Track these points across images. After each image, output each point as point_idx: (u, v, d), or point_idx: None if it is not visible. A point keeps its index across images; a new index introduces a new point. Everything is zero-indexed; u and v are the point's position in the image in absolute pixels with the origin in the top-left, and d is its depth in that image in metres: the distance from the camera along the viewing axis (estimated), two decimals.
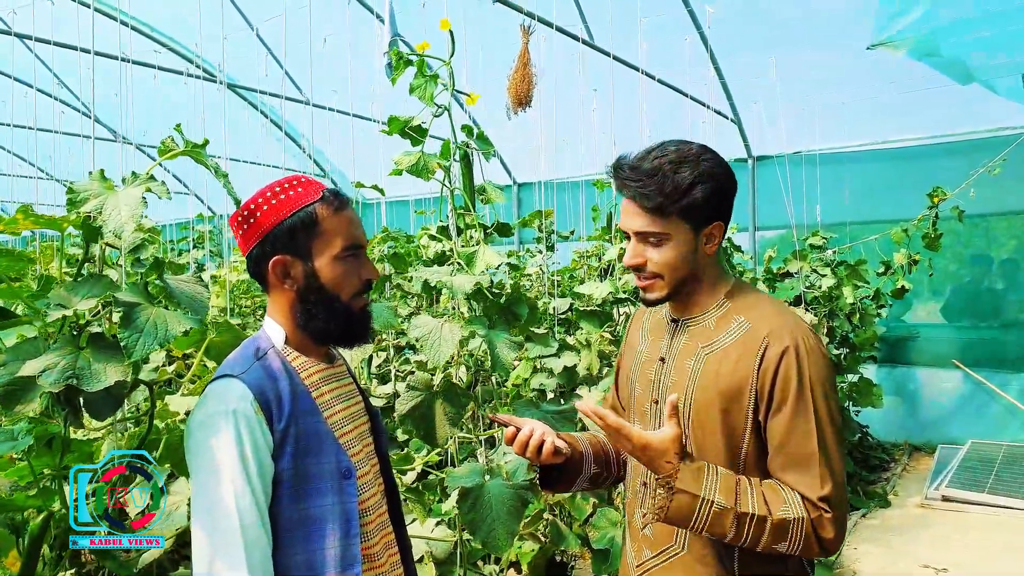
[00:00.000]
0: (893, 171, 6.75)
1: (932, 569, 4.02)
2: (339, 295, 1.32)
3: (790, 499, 1.31)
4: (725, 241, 4.38)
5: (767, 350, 1.34)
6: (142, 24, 6.43)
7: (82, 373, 1.05)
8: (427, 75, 1.79)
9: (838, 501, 1.30)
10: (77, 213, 1.09)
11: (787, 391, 1.32)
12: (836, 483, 1.31)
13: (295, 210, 1.28)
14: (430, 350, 1.68)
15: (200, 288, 1.29)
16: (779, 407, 1.33)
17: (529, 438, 1.47)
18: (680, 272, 1.41)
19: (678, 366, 1.45)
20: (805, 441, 1.31)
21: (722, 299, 1.45)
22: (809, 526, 1.29)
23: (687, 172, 1.35)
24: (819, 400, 1.32)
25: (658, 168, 1.36)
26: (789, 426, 1.32)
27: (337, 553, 1.24)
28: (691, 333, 1.46)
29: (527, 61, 4.36)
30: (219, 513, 1.16)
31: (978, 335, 6.57)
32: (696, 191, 1.35)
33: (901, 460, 6.15)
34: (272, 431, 1.22)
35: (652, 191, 1.35)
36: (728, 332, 1.40)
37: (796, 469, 1.32)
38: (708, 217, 1.39)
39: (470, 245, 1.95)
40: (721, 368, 1.38)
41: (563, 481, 1.60)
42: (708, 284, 1.46)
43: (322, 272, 1.30)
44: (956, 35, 5.34)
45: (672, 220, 1.37)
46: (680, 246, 1.39)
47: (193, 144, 1.22)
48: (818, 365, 1.35)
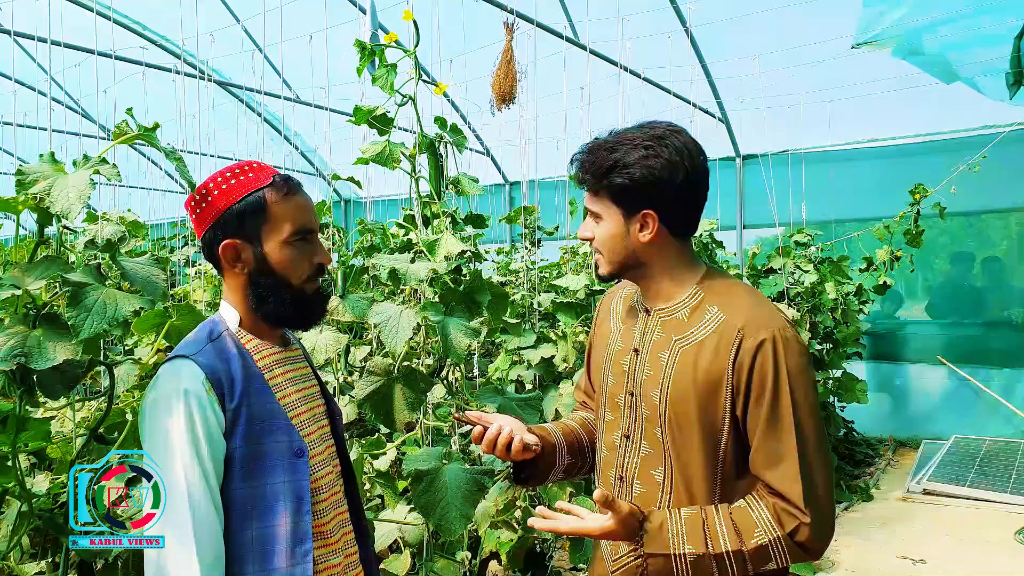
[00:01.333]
0: (879, 170, 6.79)
1: (909, 560, 4.06)
2: (289, 279, 1.35)
3: (762, 519, 1.28)
4: (706, 237, 4.45)
5: (742, 343, 1.31)
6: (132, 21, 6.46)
7: (31, 351, 1.08)
8: (387, 65, 1.82)
9: (817, 501, 1.27)
10: (26, 195, 1.12)
11: (764, 385, 1.29)
12: (815, 482, 1.27)
13: (245, 195, 1.32)
14: (388, 335, 1.72)
15: (155, 270, 1.32)
16: (756, 402, 1.30)
17: (497, 436, 1.47)
18: (617, 254, 1.42)
19: (652, 358, 1.41)
20: (784, 437, 1.28)
21: (694, 289, 1.42)
22: (788, 540, 1.26)
23: (615, 154, 1.36)
24: (797, 394, 1.29)
25: (599, 146, 1.39)
26: (767, 422, 1.29)
27: (288, 529, 1.28)
28: (664, 324, 1.42)
29: (511, 58, 4.40)
30: (169, 490, 1.20)
31: (963, 332, 6.62)
32: (613, 176, 1.36)
33: (886, 455, 6.19)
34: (224, 410, 1.26)
35: (586, 165, 1.39)
36: (702, 324, 1.37)
37: (775, 467, 1.28)
38: (635, 204, 1.37)
39: (438, 233, 1.98)
40: (697, 361, 1.34)
41: (536, 475, 1.59)
42: (669, 274, 1.43)
43: (271, 256, 1.33)
44: (939, 34, 5.39)
45: (602, 200, 1.40)
46: (611, 227, 1.40)
47: (145, 128, 1.26)
48: (796, 358, 1.31)
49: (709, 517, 1.29)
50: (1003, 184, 6.06)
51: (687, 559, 1.26)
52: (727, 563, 1.26)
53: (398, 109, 1.94)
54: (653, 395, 1.39)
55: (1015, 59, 4.21)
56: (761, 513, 1.28)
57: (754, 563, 1.27)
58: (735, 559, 1.26)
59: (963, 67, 5.63)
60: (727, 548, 1.26)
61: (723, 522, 1.28)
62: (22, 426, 1.20)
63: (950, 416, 6.51)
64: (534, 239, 4.75)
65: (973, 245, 6.65)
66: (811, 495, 1.26)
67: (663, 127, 1.40)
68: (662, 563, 1.27)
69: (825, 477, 1.30)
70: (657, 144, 1.36)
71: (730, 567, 1.27)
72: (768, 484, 1.29)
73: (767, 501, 1.29)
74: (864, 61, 5.79)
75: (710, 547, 1.26)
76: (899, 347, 6.91)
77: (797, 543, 1.26)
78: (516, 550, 3.09)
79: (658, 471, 1.39)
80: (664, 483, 1.38)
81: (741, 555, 1.26)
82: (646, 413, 1.41)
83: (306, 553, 1.29)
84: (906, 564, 4.02)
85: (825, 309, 5.43)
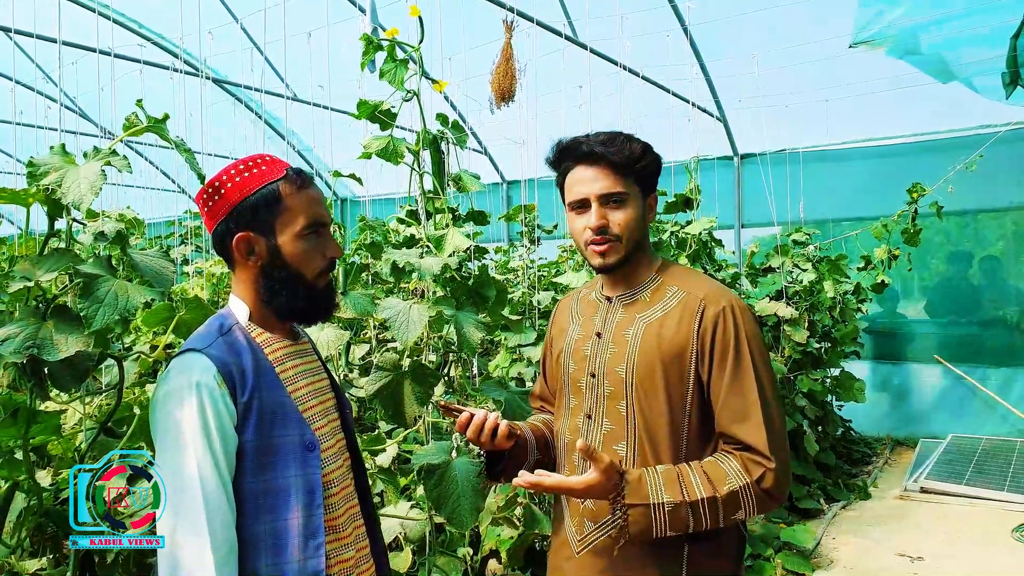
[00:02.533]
0: (876, 169, 6.81)
1: (908, 558, 4.07)
2: (302, 272, 1.35)
3: (731, 469, 1.39)
4: (705, 235, 4.46)
5: (705, 311, 1.46)
6: (130, 20, 6.44)
7: (43, 343, 1.08)
8: (396, 60, 1.82)
9: (777, 448, 1.39)
10: (38, 187, 1.11)
11: (727, 348, 1.43)
12: (775, 431, 1.41)
13: (259, 187, 1.31)
14: (399, 331, 1.72)
15: (165, 262, 1.32)
16: (720, 363, 1.43)
17: (483, 422, 1.52)
18: (635, 235, 1.52)
19: (617, 337, 1.53)
20: (747, 392, 1.41)
21: (655, 274, 1.57)
22: (755, 487, 1.37)
23: (638, 143, 1.52)
24: (756, 355, 1.44)
25: (615, 136, 1.52)
26: (731, 380, 1.42)
27: (300, 523, 1.27)
28: (626, 307, 1.56)
29: (510, 56, 4.40)
30: (182, 482, 1.19)
31: (959, 331, 6.64)
32: (647, 158, 1.51)
33: (883, 454, 6.21)
34: (235, 403, 1.25)
35: (616, 151, 1.49)
36: (664, 301, 1.52)
37: (740, 420, 1.41)
38: (651, 186, 1.56)
39: (441, 229, 1.98)
40: (662, 332, 1.47)
41: (510, 469, 1.64)
42: (646, 257, 1.59)
43: (285, 249, 1.33)
44: (935, 33, 5.40)
45: (630, 182, 1.51)
46: (636, 209, 1.52)
47: (155, 120, 1.25)
48: (751, 324, 1.47)
49: (683, 470, 1.41)
50: (999, 183, 6.09)
51: (665, 508, 1.35)
52: (702, 511, 1.36)
53: (402, 104, 1.94)
54: (619, 370, 1.50)
55: (1011, 59, 4.22)
56: (730, 463, 1.40)
57: (726, 510, 1.37)
58: (709, 506, 1.36)
59: (959, 67, 5.65)
60: (702, 495, 1.36)
61: (696, 473, 1.40)
62: (33, 419, 1.19)
63: (947, 415, 6.53)
64: (533, 237, 4.75)
65: (968, 244, 6.68)
66: (774, 443, 1.39)
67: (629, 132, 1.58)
68: (641, 514, 1.36)
69: (783, 429, 1.44)
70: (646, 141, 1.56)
71: (704, 515, 1.37)
72: (735, 437, 1.41)
73: (734, 455, 1.41)
74: (861, 61, 5.81)
75: (686, 495, 1.36)
76: (896, 346, 6.94)
77: (763, 489, 1.38)
78: (516, 548, 3.09)
79: (620, 445, 1.50)
80: (627, 455, 1.49)
81: (715, 501, 1.36)
82: (609, 390, 1.51)
83: (319, 547, 1.28)
84: (904, 561, 4.04)
85: (823, 308, 5.44)
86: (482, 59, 4.68)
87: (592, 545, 1.50)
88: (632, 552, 1.45)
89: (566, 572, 1.55)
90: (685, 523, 1.37)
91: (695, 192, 4.44)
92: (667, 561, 1.45)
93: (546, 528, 2.75)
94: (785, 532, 4.18)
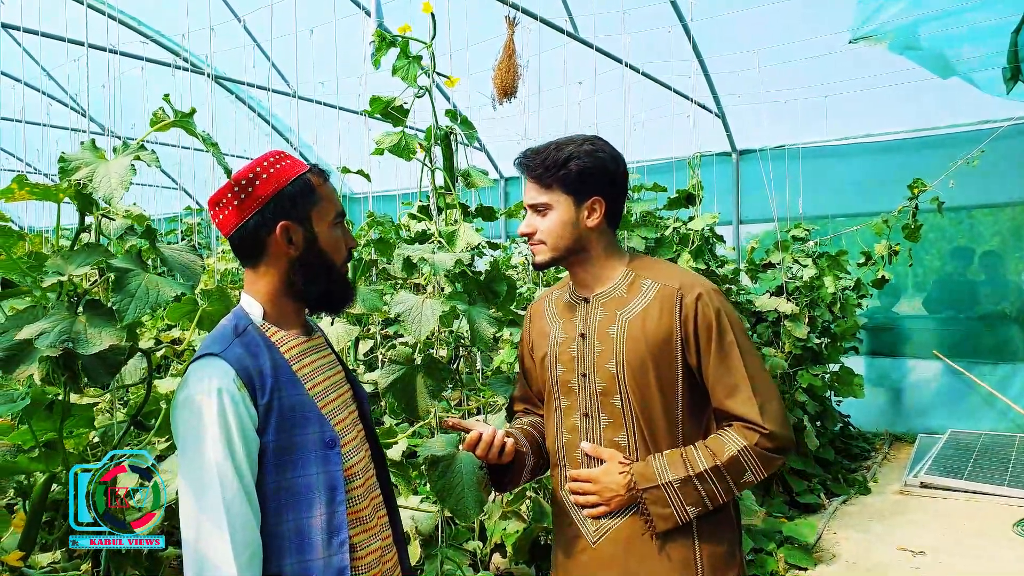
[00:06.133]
0: (876, 165, 6.84)
1: (909, 552, 4.11)
2: (333, 260, 1.40)
3: (728, 438, 1.51)
4: (707, 231, 4.48)
5: (683, 299, 1.54)
6: (129, 18, 6.44)
7: (78, 337, 1.09)
8: (410, 56, 1.84)
9: (771, 413, 1.50)
10: (69, 182, 1.13)
11: (710, 330, 1.52)
12: (767, 399, 1.51)
13: (293, 178, 1.34)
14: (412, 325, 1.73)
15: (193, 256, 1.33)
16: (706, 345, 1.52)
17: (492, 439, 1.58)
18: (563, 240, 1.59)
19: (601, 336, 1.59)
20: (734, 369, 1.51)
21: (625, 270, 1.63)
22: (754, 448, 1.48)
23: (567, 150, 1.57)
24: (737, 333, 1.53)
25: (545, 148, 1.59)
26: (717, 359, 1.52)
27: (324, 521, 1.29)
28: (605, 305, 1.61)
29: (512, 52, 4.42)
30: (203, 487, 1.20)
31: (958, 327, 6.67)
32: (571, 164, 1.55)
33: (882, 449, 6.25)
34: (256, 406, 1.26)
35: (535, 164, 1.57)
36: (642, 295, 1.58)
37: (731, 394, 1.51)
38: (586, 191, 1.58)
39: (451, 225, 2.00)
40: (646, 325, 1.55)
41: (514, 478, 1.71)
42: (604, 258, 1.63)
43: (321, 236, 1.37)
44: (936, 28, 5.42)
45: (553, 190, 1.58)
46: (561, 215, 1.58)
47: (182, 114, 1.27)
48: (728, 306, 1.57)
49: (687, 450, 1.53)
50: (996, 179, 6.10)
51: (674, 485, 1.48)
52: (709, 480, 1.48)
53: (414, 100, 1.96)
54: (609, 366, 1.57)
55: (1012, 54, 4.24)
56: (728, 435, 1.51)
57: (732, 475, 1.49)
58: (714, 474, 1.48)
59: (960, 62, 5.66)
60: (704, 467, 1.49)
61: (698, 449, 1.52)
62: (67, 412, 1.21)
63: (945, 410, 6.57)
64: None
65: (964, 240, 6.71)
66: (765, 410, 1.49)
67: (591, 136, 1.63)
68: (658, 497, 1.49)
69: (773, 393, 1.53)
70: (598, 143, 1.61)
71: (714, 485, 1.49)
72: (729, 411, 1.52)
73: (732, 426, 1.52)
74: (861, 56, 5.82)
75: (690, 469, 1.49)
76: (895, 342, 6.97)
77: (764, 448, 1.49)
78: (522, 542, 3.11)
79: (620, 436, 1.58)
80: (629, 443, 1.57)
81: (718, 469, 1.48)
82: (601, 387, 1.58)
83: (342, 543, 1.29)
84: (906, 556, 4.07)
85: (823, 304, 5.46)
86: (482, 55, 4.70)
87: (608, 533, 1.55)
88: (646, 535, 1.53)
89: (582, 563, 1.58)
90: (699, 497, 1.49)
91: (697, 188, 4.46)
92: (678, 531, 1.53)
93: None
94: (787, 527, 4.21)
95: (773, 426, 1.48)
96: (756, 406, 1.49)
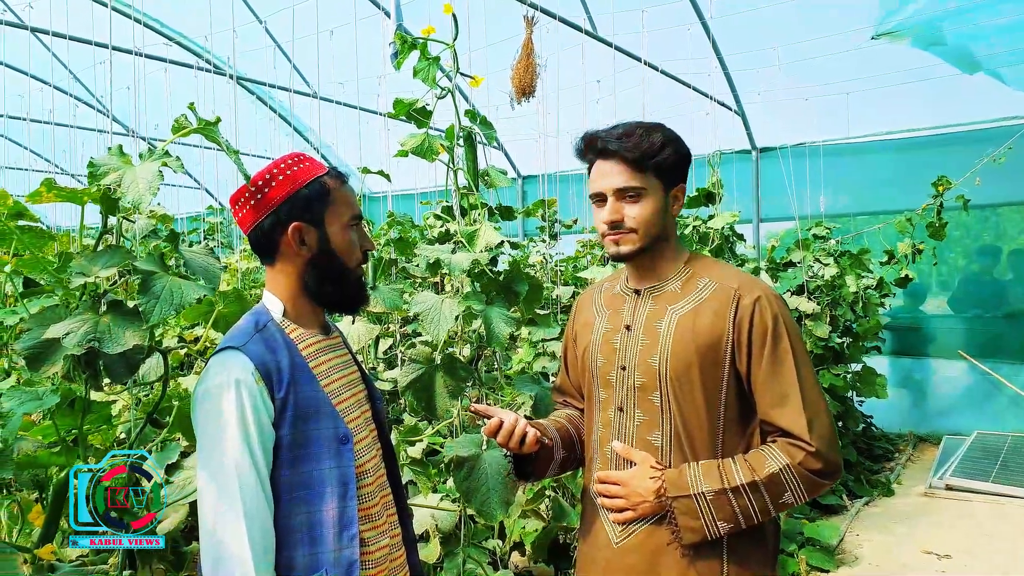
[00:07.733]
0: (898, 162, 6.76)
1: (934, 555, 4.05)
2: (346, 262, 1.41)
3: (772, 454, 1.41)
4: (727, 230, 4.45)
5: (740, 301, 1.47)
6: (153, 20, 6.52)
7: (103, 336, 1.12)
8: (430, 58, 1.85)
9: (819, 431, 1.40)
10: (98, 186, 1.15)
11: (765, 335, 1.44)
12: (815, 415, 1.42)
13: (308, 181, 1.36)
14: (430, 325, 1.75)
15: (212, 260, 1.35)
16: (759, 351, 1.44)
17: (513, 428, 1.53)
18: (655, 227, 1.53)
19: (647, 330, 1.53)
20: (785, 379, 1.43)
21: (683, 266, 1.58)
22: (798, 468, 1.39)
23: (658, 135, 1.51)
24: (794, 341, 1.45)
25: (633, 130, 1.51)
26: (768, 367, 1.43)
27: (336, 514, 1.31)
28: (656, 300, 1.56)
29: (530, 51, 4.41)
30: (222, 478, 1.23)
31: (985, 326, 6.56)
32: (667, 150, 1.50)
33: (906, 450, 6.17)
34: (273, 400, 1.29)
35: (631, 146, 1.49)
36: (696, 292, 1.52)
37: (779, 405, 1.42)
38: (675, 178, 1.54)
39: (473, 225, 2.01)
40: (697, 324, 1.48)
41: (536, 470, 1.68)
42: (672, 249, 1.59)
43: (334, 239, 1.39)
44: (961, 23, 5.34)
45: (648, 176, 1.51)
46: (654, 202, 1.52)
47: (206, 122, 1.29)
48: (786, 311, 1.49)
49: (724, 462, 1.44)
50: (1022, 176, 6.00)
51: (707, 497, 1.40)
52: (745, 495, 1.39)
53: (436, 102, 1.97)
54: (651, 361, 1.50)
55: None
56: (771, 450, 1.42)
57: (770, 494, 1.39)
58: (751, 490, 1.39)
59: (985, 57, 5.58)
60: (741, 481, 1.39)
61: (736, 462, 1.43)
62: (88, 409, 1.23)
63: (971, 411, 6.47)
64: (553, 232, 4.77)
65: (989, 238, 6.60)
66: (814, 427, 1.40)
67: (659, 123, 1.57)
68: (688, 507, 1.41)
69: (824, 413, 1.44)
70: (672, 131, 1.56)
71: (750, 502, 1.39)
72: (774, 423, 1.43)
73: (776, 441, 1.43)
74: (882, 52, 5.75)
75: (726, 482, 1.40)
76: (919, 341, 6.88)
77: (808, 470, 1.39)
78: (541, 540, 3.11)
79: (655, 435, 1.51)
80: (663, 445, 1.50)
81: (756, 485, 1.39)
82: (640, 382, 1.52)
83: (352, 537, 1.32)
84: (931, 559, 4.02)
85: (845, 303, 5.41)
86: (499, 55, 4.70)
87: (631, 538, 1.51)
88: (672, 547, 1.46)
89: (605, 563, 1.56)
90: (732, 513, 1.40)
91: (717, 186, 4.44)
92: (707, 547, 1.45)
93: (573, 521, 2.77)
94: (808, 528, 4.17)
95: (820, 445, 1.39)
96: (804, 420, 1.39)
